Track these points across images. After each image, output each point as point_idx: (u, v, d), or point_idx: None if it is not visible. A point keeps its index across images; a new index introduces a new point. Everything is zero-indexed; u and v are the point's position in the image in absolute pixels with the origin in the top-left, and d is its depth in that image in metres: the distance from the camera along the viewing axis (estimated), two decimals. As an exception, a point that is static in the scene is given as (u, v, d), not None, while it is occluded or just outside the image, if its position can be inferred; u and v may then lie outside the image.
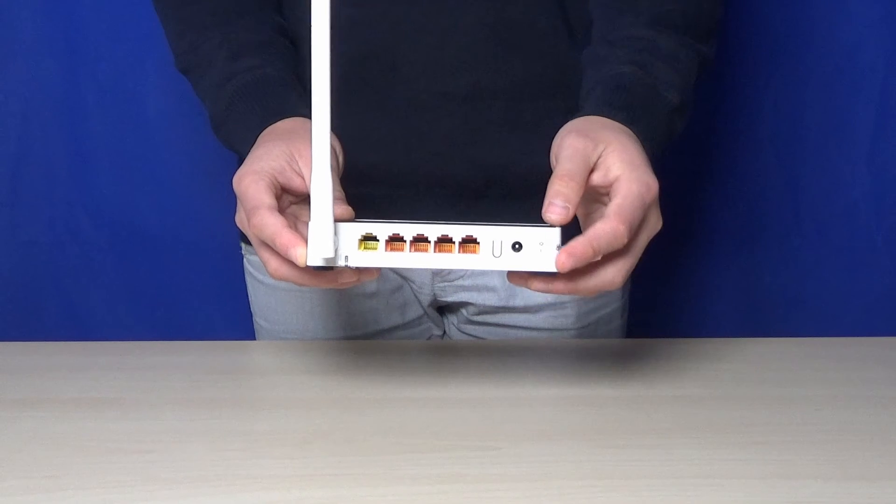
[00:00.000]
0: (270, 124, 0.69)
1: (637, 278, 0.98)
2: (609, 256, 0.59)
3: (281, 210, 0.60)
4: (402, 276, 0.90)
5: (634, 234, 0.59)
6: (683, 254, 1.28)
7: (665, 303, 1.29)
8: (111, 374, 0.73)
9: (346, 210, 0.61)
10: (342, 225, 0.57)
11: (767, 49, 1.19)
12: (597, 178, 0.61)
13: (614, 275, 0.59)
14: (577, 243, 0.57)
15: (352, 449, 0.61)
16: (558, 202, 0.58)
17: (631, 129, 0.65)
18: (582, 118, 0.66)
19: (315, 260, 0.57)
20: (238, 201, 0.63)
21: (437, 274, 0.89)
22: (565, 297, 0.89)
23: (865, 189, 1.24)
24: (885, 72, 1.20)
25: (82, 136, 1.20)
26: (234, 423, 0.65)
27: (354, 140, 0.79)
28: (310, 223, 0.56)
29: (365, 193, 0.67)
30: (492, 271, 0.87)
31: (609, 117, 0.65)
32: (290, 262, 0.58)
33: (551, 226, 0.57)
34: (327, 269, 0.59)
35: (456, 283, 0.89)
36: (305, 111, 0.57)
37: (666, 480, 0.57)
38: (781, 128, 1.22)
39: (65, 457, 0.60)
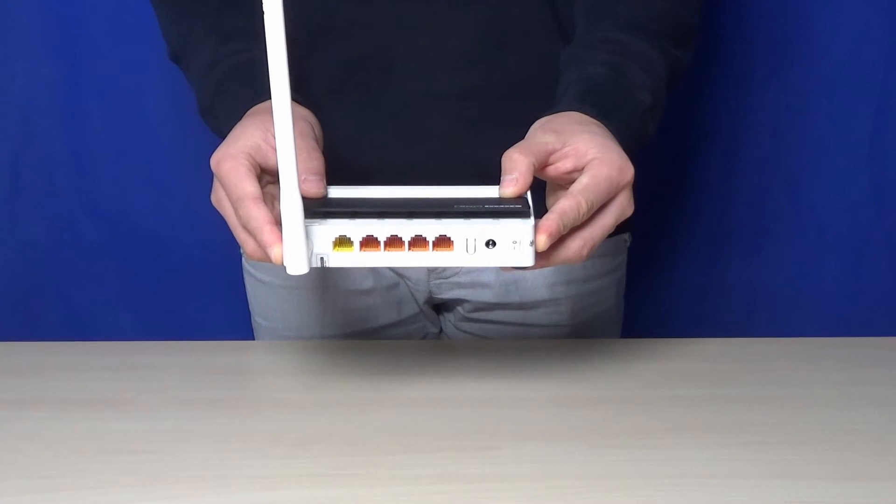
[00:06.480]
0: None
1: (636, 278, 0.99)
2: (573, 230, 0.61)
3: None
4: (397, 274, 0.90)
5: (601, 210, 0.61)
6: (683, 254, 1.28)
7: (664, 303, 1.29)
8: (111, 374, 0.73)
9: (318, 189, 0.62)
10: (316, 227, 0.58)
11: (767, 49, 1.19)
12: (569, 164, 0.62)
13: (580, 247, 0.61)
14: (550, 222, 0.58)
15: (352, 449, 0.61)
16: (507, 177, 0.60)
17: (603, 125, 0.65)
18: (552, 115, 0.67)
19: (292, 273, 0.58)
20: (215, 181, 0.64)
21: (432, 271, 0.89)
22: (560, 294, 0.89)
23: (865, 189, 1.24)
24: (885, 72, 1.20)
25: (82, 136, 1.20)
26: (234, 423, 0.65)
27: (350, 140, 0.79)
28: (283, 240, 0.57)
29: None
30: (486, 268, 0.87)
31: (582, 112, 0.66)
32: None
33: (524, 218, 0.58)
34: None
35: (451, 279, 0.89)
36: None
37: (666, 480, 0.57)
38: (781, 127, 1.22)
39: (65, 457, 0.60)
